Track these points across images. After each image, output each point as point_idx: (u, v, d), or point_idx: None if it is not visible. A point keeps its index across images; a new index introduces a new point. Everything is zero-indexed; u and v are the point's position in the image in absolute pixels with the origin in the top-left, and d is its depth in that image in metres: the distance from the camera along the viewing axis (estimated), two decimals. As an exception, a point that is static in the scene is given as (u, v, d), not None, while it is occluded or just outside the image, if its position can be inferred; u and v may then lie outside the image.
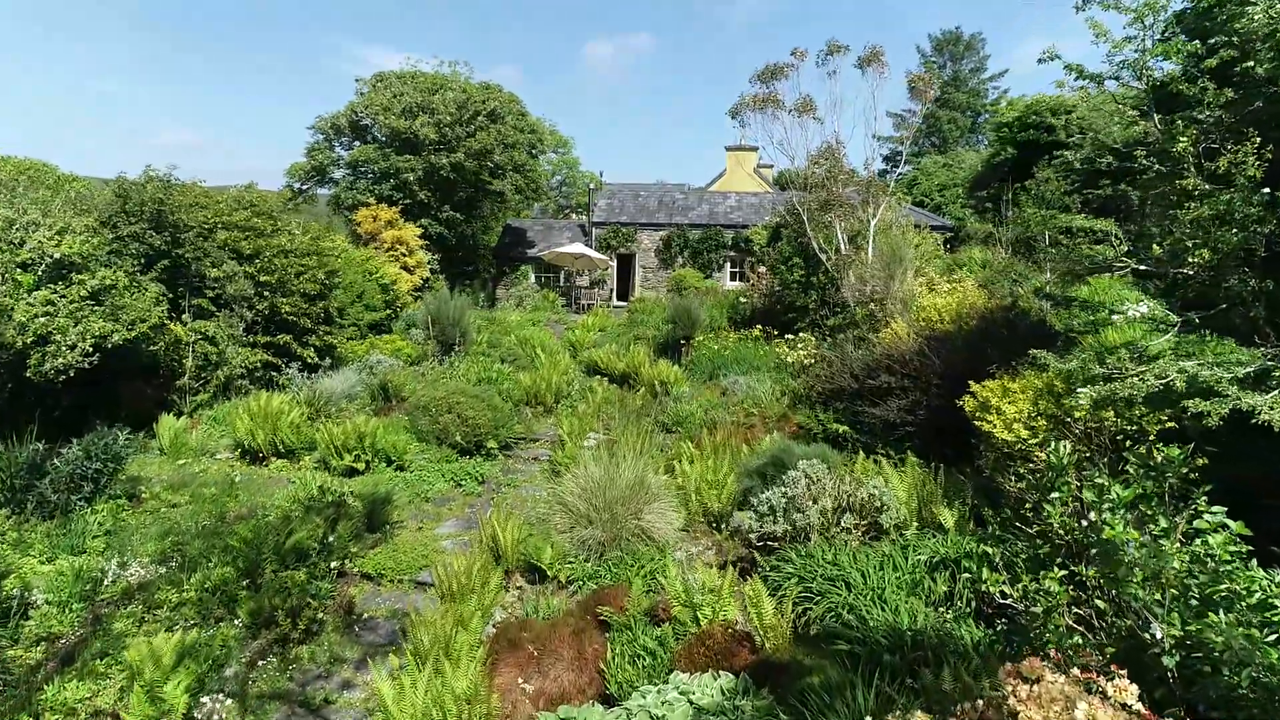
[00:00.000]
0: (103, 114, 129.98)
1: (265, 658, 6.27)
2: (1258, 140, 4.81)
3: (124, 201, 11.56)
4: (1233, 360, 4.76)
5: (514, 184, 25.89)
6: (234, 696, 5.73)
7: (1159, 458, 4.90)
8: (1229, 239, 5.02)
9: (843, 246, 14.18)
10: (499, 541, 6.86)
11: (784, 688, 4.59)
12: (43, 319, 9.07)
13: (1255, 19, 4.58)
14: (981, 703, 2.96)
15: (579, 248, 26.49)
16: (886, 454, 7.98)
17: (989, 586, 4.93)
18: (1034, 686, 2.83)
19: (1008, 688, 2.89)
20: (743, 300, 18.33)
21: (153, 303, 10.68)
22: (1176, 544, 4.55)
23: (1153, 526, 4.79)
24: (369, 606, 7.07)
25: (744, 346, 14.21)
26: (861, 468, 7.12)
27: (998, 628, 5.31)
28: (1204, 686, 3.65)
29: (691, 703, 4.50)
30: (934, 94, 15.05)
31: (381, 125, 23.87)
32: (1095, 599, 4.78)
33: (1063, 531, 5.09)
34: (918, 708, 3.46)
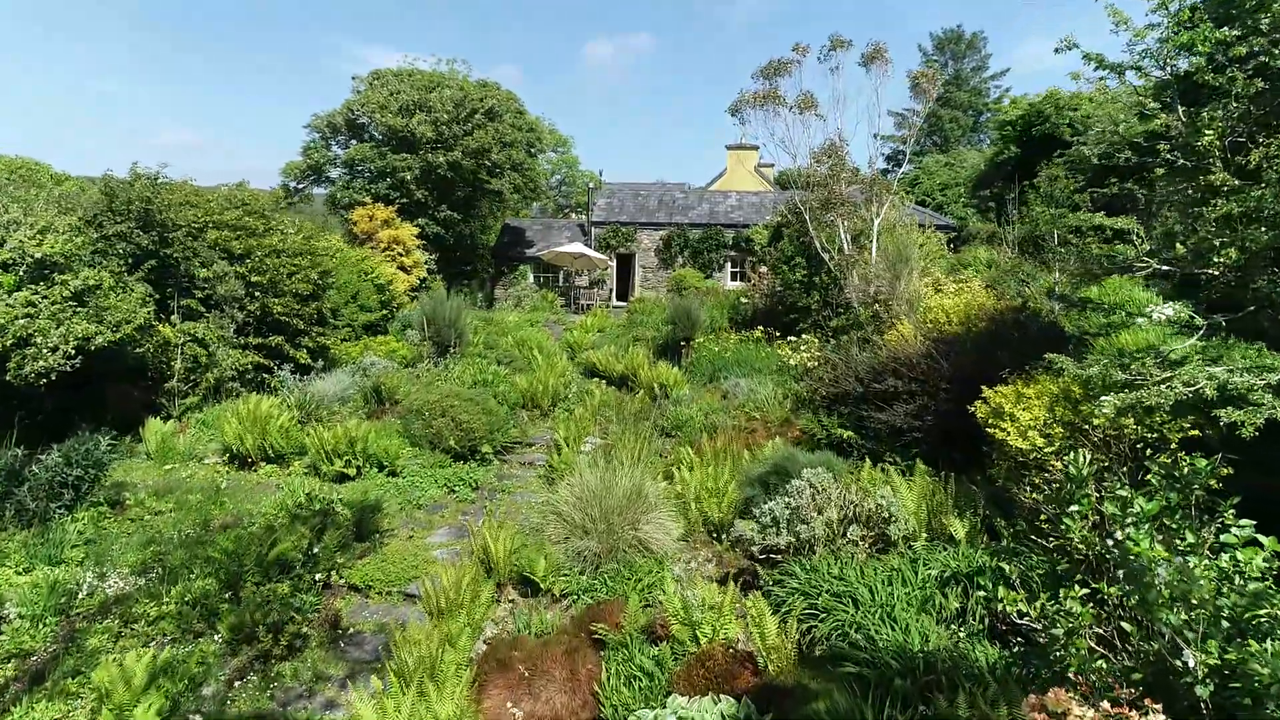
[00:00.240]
0: (102, 114, 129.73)
1: (246, 675, 6.00)
2: (1291, 133, 4.55)
3: (110, 200, 11.29)
4: (1264, 365, 4.48)
5: (512, 183, 25.60)
6: (210, 718, 5.47)
7: (1185, 468, 4.64)
8: (1258, 237, 4.74)
9: (846, 246, 13.90)
10: (490, 553, 6.59)
11: (789, 714, 4.32)
12: (23, 321, 8.81)
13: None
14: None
15: (578, 247, 26.21)
16: (893, 461, 7.71)
17: (1005, 606, 4.66)
18: (1063, 726, 2.56)
19: (1033, 724, 2.62)
20: (743, 301, 18.05)
21: (139, 303, 10.41)
22: (1205, 560, 4.30)
23: (1179, 541, 4.53)
24: (356, 620, 6.80)
25: (745, 348, 13.94)
26: (868, 476, 6.85)
27: (1013, 647, 5.04)
28: (1244, 722, 3.37)
29: (690, 730, 4.24)
30: (937, 91, 14.77)
31: (378, 123, 23.59)
32: (1119, 620, 4.52)
33: (1083, 547, 4.83)
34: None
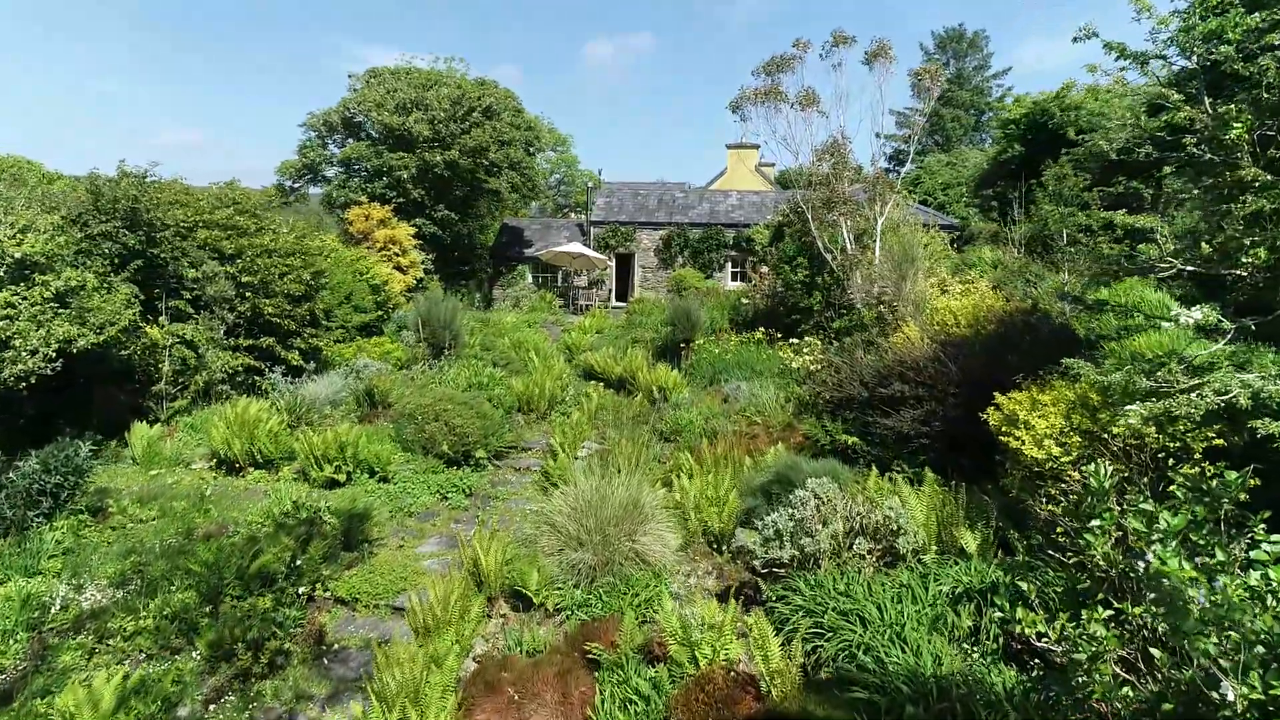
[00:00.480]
0: (103, 114, 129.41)
1: (224, 695, 5.73)
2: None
3: (96, 199, 11.02)
4: (1299, 373, 4.21)
5: (510, 182, 25.31)
6: (184, 742, 5.21)
7: (1214, 482, 4.37)
8: (1292, 236, 4.47)
9: (849, 246, 13.62)
10: (481, 566, 6.31)
11: (794, 745, 4.05)
12: (1, 323, 8.54)
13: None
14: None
15: (577, 247, 25.95)
16: (900, 469, 7.44)
17: (1024, 628, 4.40)
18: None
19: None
20: (744, 301, 17.77)
21: (124, 305, 10.14)
22: (1236, 579, 4.03)
23: (1207, 559, 4.27)
24: (341, 635, 6.52)
25: (746, 350, 13.66)
26: (875, 486, 6.58)
27: (1031, 670, 4.77)
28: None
29: (689, 763, 3.96)
30: (940, 88, 14.47)
31: (374, 122, 23.32)
32: (1145, 643, 4.25)
33: (1105, 565, 4.56)
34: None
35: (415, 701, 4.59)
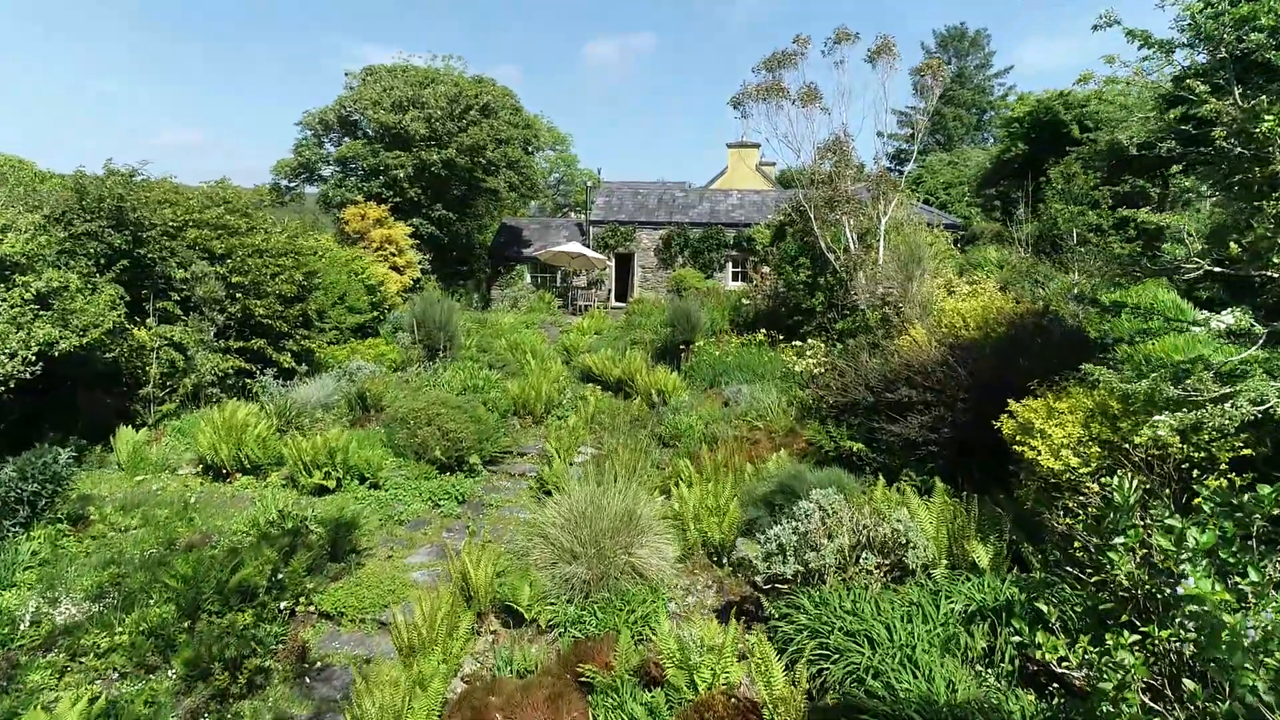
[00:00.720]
0: (103, 114, 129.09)
1: (200, 717, 5.46)
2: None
3: (80, 197, 10.75)
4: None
5: (508, 181, 25.01)
6: (154, 769, 4.94)
7: (1246, 496, 4.10)
8: (1329, 235, 4.19)
9: (852, 245, 13.33)
10: (470, 581, 6.04)
11: (799, 781, 3.78)
12: (-22, 325, 8.28)
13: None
14: None
15: (576, 247, 25.67)
16: (908, 477, 7.16)
17: (1044, 654, 4.14)
18: None
19: None
20: (745, 302, 17.48)
21: (108, 306, 9.87)
22: (1269, 601, 3.76)
23: (1239, 579, 4.00)
24: (326, 651, 6.25)
25: (747, 352, 13.37)
26: (882, 496, 6.30)
27: (1050, 696, 4.49)
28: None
29: (686, 801, 3.69)
30: (945, 81, 14.16)
31: (370, 120, 23.03)
32: (1174, 670, 3.98)
33: (1130, 585, 4.28)
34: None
35: (396, 730, 4.32)
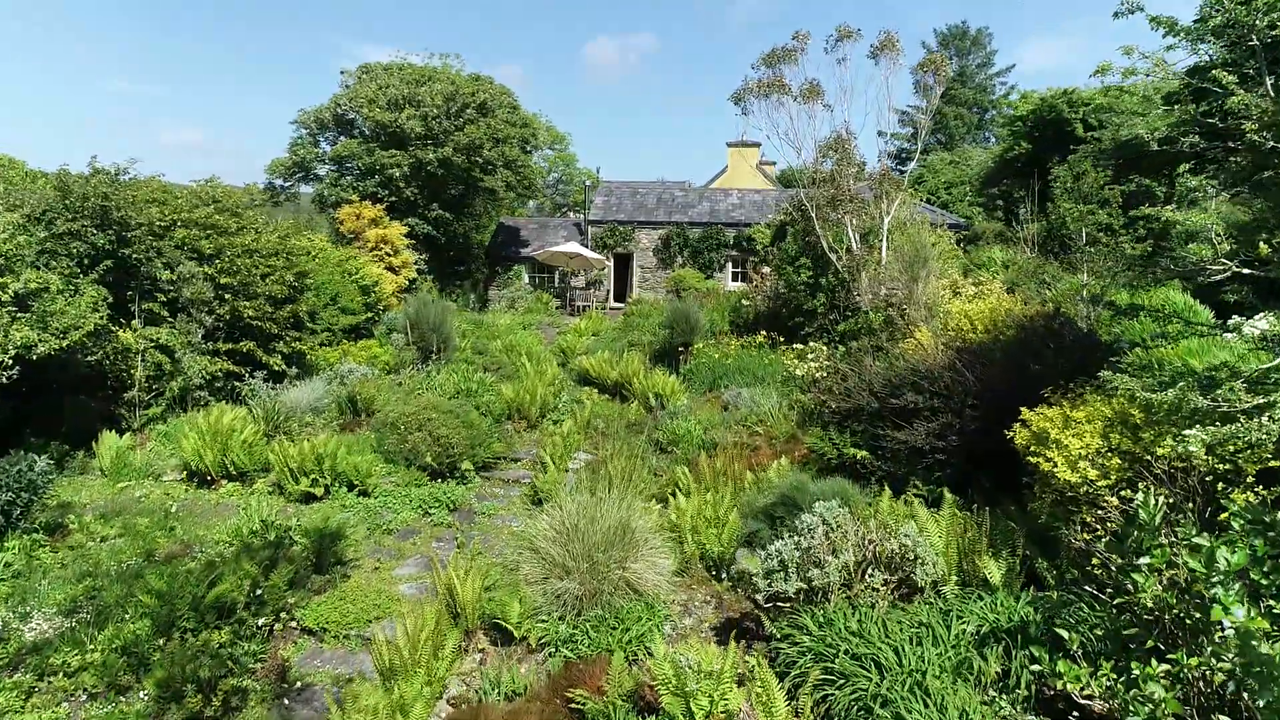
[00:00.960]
0: (107, 114, 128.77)
1: (171, 742, 5.19)
2: None
3: (64, 196, 10.48)
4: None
5: (505, 180, 24.71)
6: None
7: (1278, 512, 3.83)
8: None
9: (854, 246, 13.06)
10: (457, 597, 5.77)
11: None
12: (-48, 328, 8.01)
13: None
14: None
15: (574, 247, 25.39)
16: (915, 486, 6.89)
17: (1066, 684, 3.87)
18: None
19: None
20: (745, 303, 17.20)
21: (89, 308, 9.59)
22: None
23: (1273, 603, 3.73)
24: (307, 669, 5.98)
25: (747, 354, 13.10)
26: (888, 508, 6.02)
27: (1070, 726, 4.22)
28: None
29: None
30: (948, 76, 13.87)
31: (366, 119, 22.74)
32: (1208, 704, 3.72)
33: (1157, 609, 4.01)
34: None
35: (372, 763, 4.04)
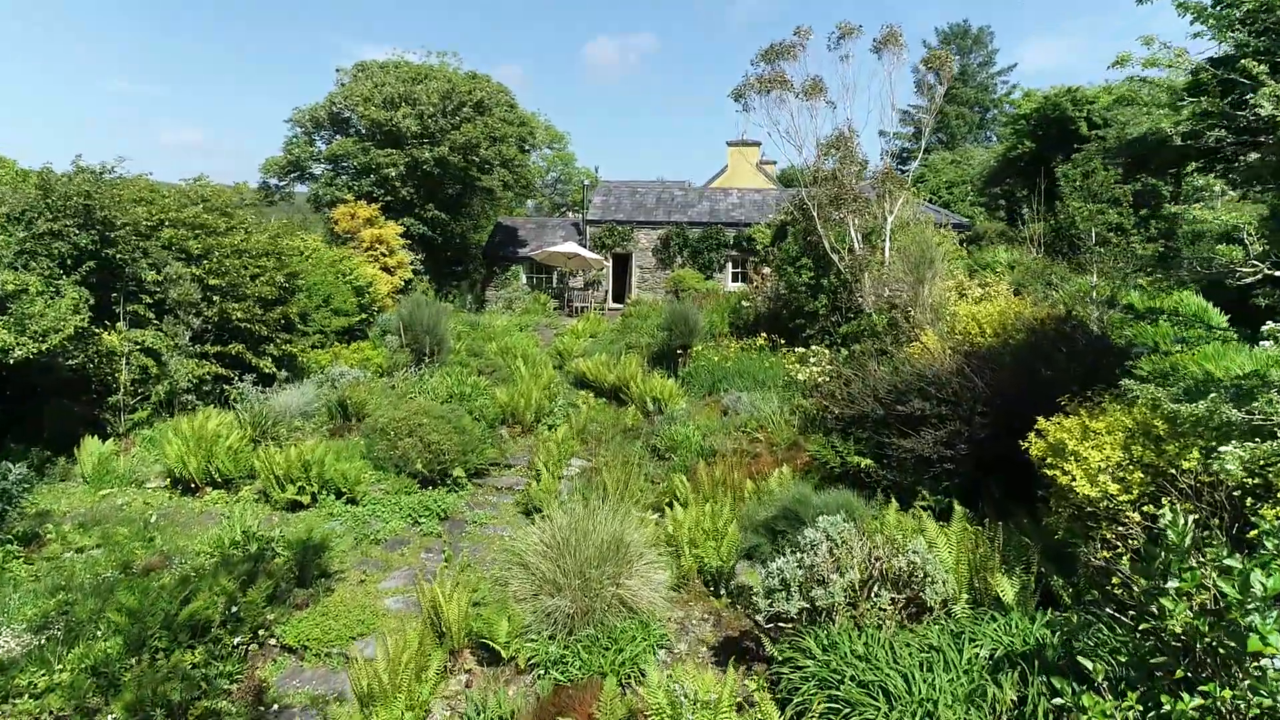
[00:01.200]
0: (107, 114, 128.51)
1: (139, 770, 4.92)
2: None
3: (45, 195, 10.21)
4: None
5: (502, 180, 24.44)
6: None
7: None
8: None
9: (857, 246, 12.77)
10: (442, 615, 5.49)
11: None
12: (-76, 332, 7.74)
13: None
14: None
15: (572, 247, 25.13)
16: (921, 496, 6.61)
17: (1091, 718, 3.60)
18: None
19: None
20: (745, 304, 16.92)
21: (70, 310, 9.31)
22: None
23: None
24: (286, 690, 5.70)
25: (747, 357, 12.81)
26: (895, 522, 5.74)
27: (1093, 761, 3.95)
28: None
29: None
30: (953, 72, 13.57)
31: (361, 117, 22.47)
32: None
33: (1189, 637, 3.74)
34: None
35: (344, 803, 3.77)
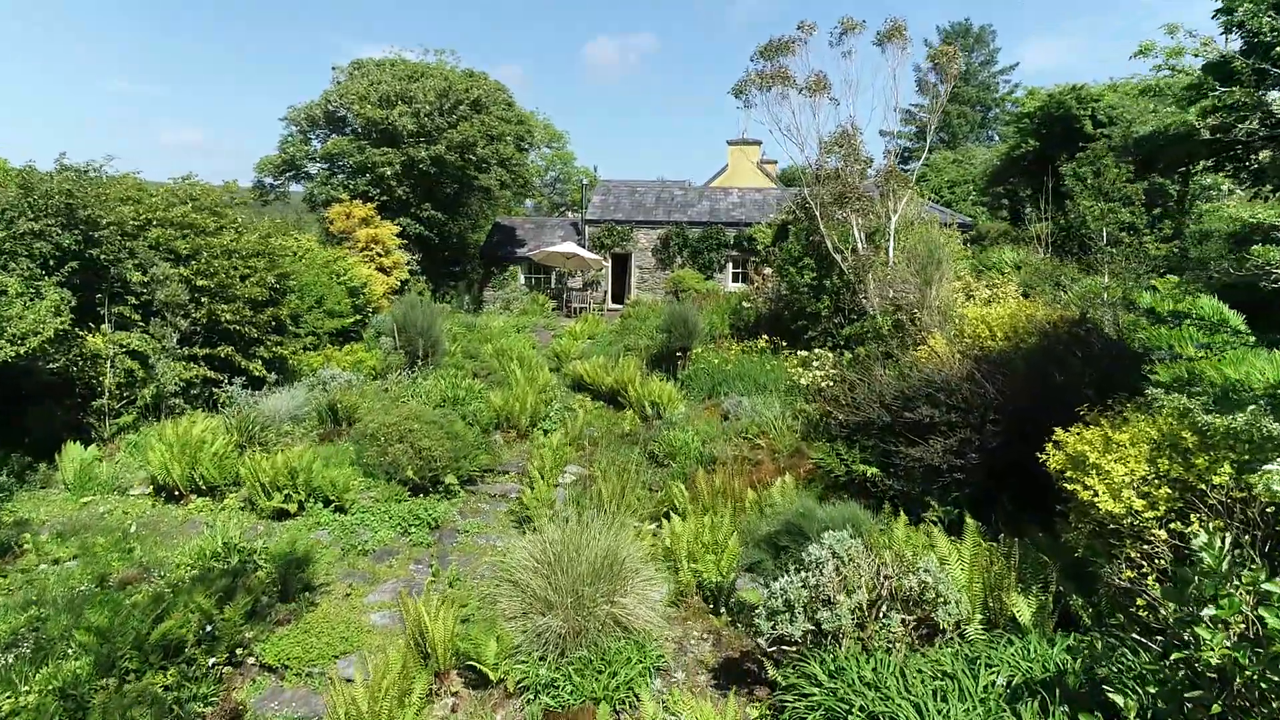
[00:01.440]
0: (107, 114, 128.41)
1: (104, 802, 4.65)
2: None
3: (26, 194, 9.93)
4: None
5: (500, 178, 24.15)
6: None
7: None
8: None
9: (860, 246, 12.48)
10: (427, 635, 5.22)
11: None
12: (-105, 335, 7.46)
13: None
14: None
15: (570, 247, 24.83)
16: (930, 506, 6.33)
17: (1123, 760, 3.32)
18: None
19: None
20: (746, 305, 16.63)
21: (50, 312, 9.04)
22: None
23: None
24: (264, 712, 5.42)
25: (748, 360, 12.53)
26: (904, 537, 5.46)
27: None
28: None
29: None
30: (960, 68, 13.27)
31: (357, 115, 22.18)
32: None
33: (1229, 669, 3.47)
34: None
35: None
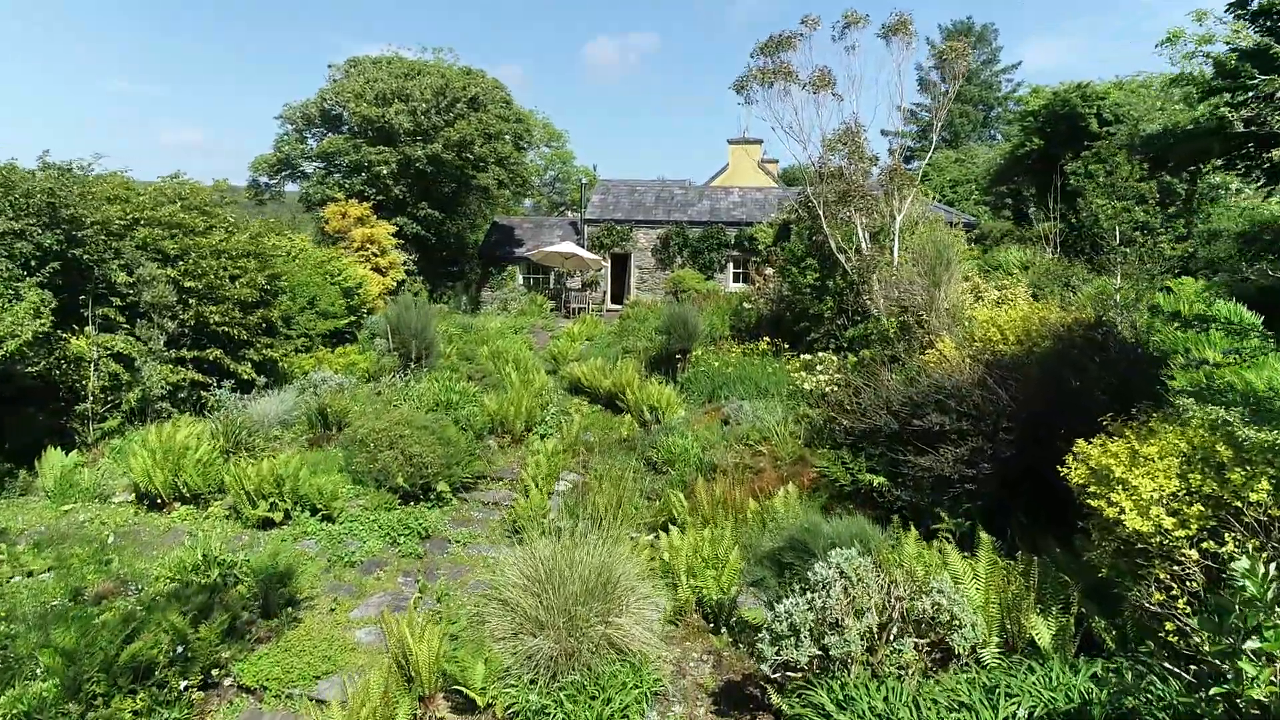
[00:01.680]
0: (107, 114, 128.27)
1: (65, 837, 4.37)
2: None
3: (6, 193, 9.66)
4: None
5: (498, 177, 23.87)
6: None
7: None
8: None
9: (864, 246, 12.19)
10: (411, 657, 4.94)
11: None
12: None
13: None
14: None
15: (569, 247, 24.55)
16: (940, 518, 6.05)
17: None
18: None
19: None
20: (747, 306, 16.34)
21: (29, 314, 8.77)
22: None
23: None
24: (240, 737, 5.16)
25: (749, 362, 12.25)
26: (915, 553, 5.18)
27: None
28: None
29: None
30: (969, 63, 12.99)
31: (353, 113, 21.90)
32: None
33: (1268, 703, 3.19)
34: None
35: None
